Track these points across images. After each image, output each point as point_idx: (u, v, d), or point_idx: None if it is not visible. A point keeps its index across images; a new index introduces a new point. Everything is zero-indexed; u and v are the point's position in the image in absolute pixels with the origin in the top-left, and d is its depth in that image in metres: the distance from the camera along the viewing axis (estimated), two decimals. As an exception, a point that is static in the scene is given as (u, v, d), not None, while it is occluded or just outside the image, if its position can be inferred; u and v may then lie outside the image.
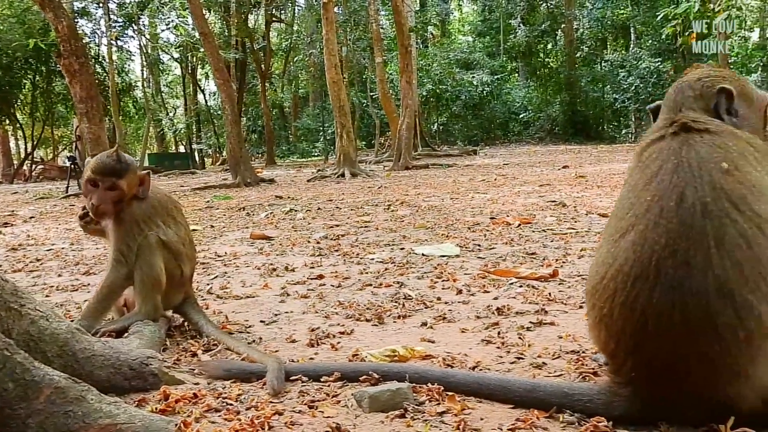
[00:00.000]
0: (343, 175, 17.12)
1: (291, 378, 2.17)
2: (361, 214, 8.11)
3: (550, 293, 3.25)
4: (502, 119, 37.09)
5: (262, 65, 33.38)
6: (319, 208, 9.30)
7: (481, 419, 1.82)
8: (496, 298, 3.27)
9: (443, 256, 4.57)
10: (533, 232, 5.63)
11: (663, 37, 26.57)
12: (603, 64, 36.96)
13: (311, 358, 2.48)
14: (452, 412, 1.86)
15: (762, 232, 1.56)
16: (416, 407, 1.89)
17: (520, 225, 6.08)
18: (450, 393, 1.96)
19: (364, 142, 37.54)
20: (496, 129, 37.28)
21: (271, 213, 9.04)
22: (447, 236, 5.63)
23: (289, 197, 12.06)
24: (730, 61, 31.45)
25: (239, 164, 16.45)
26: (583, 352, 2.31)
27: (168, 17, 32.52)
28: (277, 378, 2.07)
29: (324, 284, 3.87)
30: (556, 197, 8.59)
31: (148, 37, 36.07)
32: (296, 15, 37.53)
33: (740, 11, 28.95)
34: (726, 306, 1.52)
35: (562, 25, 36.78)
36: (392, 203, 9.36)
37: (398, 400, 1.91)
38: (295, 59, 38.85)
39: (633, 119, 36.50)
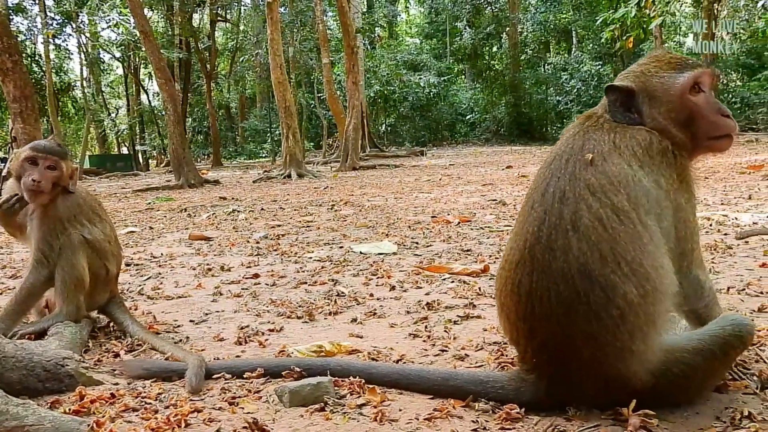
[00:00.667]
0: (289, 176, 17.02)
1: (214, 376, 2.15)
2: (304, 214, 8.08)
3: (480, 288, 3.31)
4: (449, 120, 37.49)
5: (207, 65, 32.87)
6: (262, 209, 9.22)
7: (400, 410, 1.84)
8: (427, 294, 3.31)
9: (381, 253, 4.59)
10: (471, 230, 5.71)
11: (602, 41, 27.28)
12: (546, 66, 37.76)
13: (237, 356, 2.46)
14: (372, 404, 1.88)
15: (618, 217, 1.64)
16: (337, 400, 1.90)
17: (459, 223, 6.16)
18: (372, 385, 1.98)
19: (312, 143, 37.35)
20: (443, 130, 37.65)
21: (213, 214, 8.91)
22: (387, 234, 5.67)
23: (233, 198, 11.92)
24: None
25: (182, 165, 16.15)
26: (505, 343, 2.36)
27: (108, 15, 31.62)
28: (196, 375, 2.05)
29: (259, 283, 3.85)
30: (497, 196, 8.74)
31: (87, 35, 35.00)
32: (242, 14, 37.06)
33: (674, 17, 30.01)
34: (593, 286, 1.60)
35: (507, 29, 37.41)
36: (336, 203, 9.35)
37: (319, 394, 1.92)
38: (242, 59, 38.35)
39: (575, 121, 37.36)
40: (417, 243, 5.04)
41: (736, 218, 5.26)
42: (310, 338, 2.63)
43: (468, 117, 37.49)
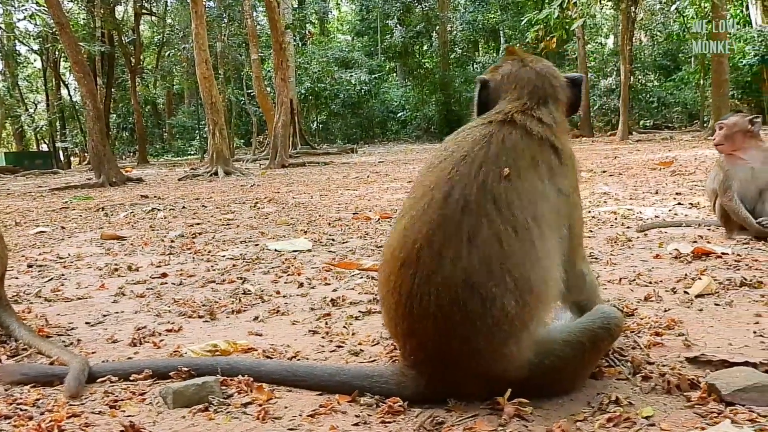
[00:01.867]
0: (216, 173, 16.67)
1: (99, 379, 2.08)
2: (225, 212, 7.93)
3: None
4: (381, 118, 37.64)
5: (132, 59, 31.81)
6: (183, 207, 9.00)
7: (286, 407, 1.83)
8: (335, 290, 3.30)
9: (295, 250, 4.56)
10: (390, 226, 5.73)
11: (528, 41, 27.98)
12: (475, 65, 38.39)
13: (129, 358, 2.39)
14: (257, 403, 1.85)
15: (517, 235, 1.66)
16: (222, 400, 1.87)
17: (380, 220, 6.19)
18: (261, 384, 1.96)
19: (242, 140, 36.74)
20: (375, 127, 37.77)
21: (131, 213, 8.63)
22: (306, 232, 5.63)
23: (155, 197, 11.57)
24: (589, 65, 33.75)
25: (103, 163, 15.58)
26: (400, 337, 2.37)
27: (24, 5, 30.12)
28: (75, 379, 1.98)
29: (166, 283, 3.75)
30: (420, 193, 8.80)
31: (2, 26, 33.28)
32: (168, 7, 36.06)
33: (594, 18, 31.08)
34: (473, 295, 1.62)
35: (437, 27, 37.83)
36: (260, 201, 9.23)
37: (204, 394, 1.88)
38: (169, 54, 37.30)
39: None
40: (333, 240, 5.03)
41: (640, 212, 5.49)
42: (209, 337, 2.58)
43: (399, 115, 37.75)
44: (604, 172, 10.40)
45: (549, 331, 1.76)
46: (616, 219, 5.18)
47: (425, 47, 39.90)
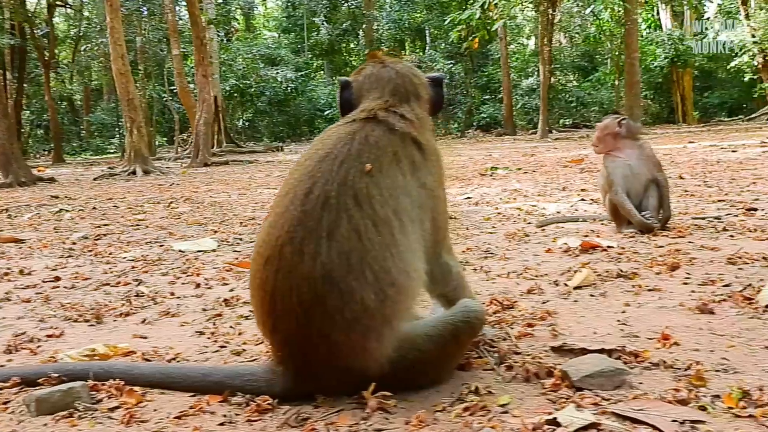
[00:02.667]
0: (134, 172, 16.16)
1: (-39, 389, 1.99)
2: (137, 213, 7.72)
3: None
4: (308, 116, 37.36)
5: (46, 53, 30.37)
6: (94, 208, 8.68)
7: (155, 410, 1.81)
8: (232, 290, 3.27)
9: (199, 251, 4.49)
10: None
11: (451, 40, 28.45)
12: (402, 64, 38.68)
13: (2, 366, 2.30)
14: (126, 407, 1.82)
15: (377, 229, 1.69)
16: (89, 406, 1.83)
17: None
18: (133, 387, 1.93)
19: (165, 138, 35.75)
20: (302, 126, 37.49)
21: (36, 214, 8.26)
22: (216, 231, 5.55)
23: (66, 197, 11.11)
24: (511, 65, 34.62)
25: (11, 162, 14.82)
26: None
27: (-76, -5, 28.25)
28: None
29: (57, 286, 3.61)
30: (339, 191, 8.82)
31: None
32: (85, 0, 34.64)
33: (515, 19, 31.86)
34: (332, 290, 1.65)
35: (363, 25, 37.92)
36: (175, 200, 9.02)
37: (69, 400, 1.84)
38: (85, 48, 35.83)
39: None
40: (241, 239, 4.99)
41: (543, 208, 5.69)
42: (91, 342, 2.51)
43: (327, 113, 37.54)
44: (519, 169, 10.71)
45: (412, 326, 1.81)
46: (519, 215, 5.35)
47: (352, 45, 39.92)
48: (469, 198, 7.13)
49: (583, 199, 6.23)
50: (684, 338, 2.08)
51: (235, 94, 33.52)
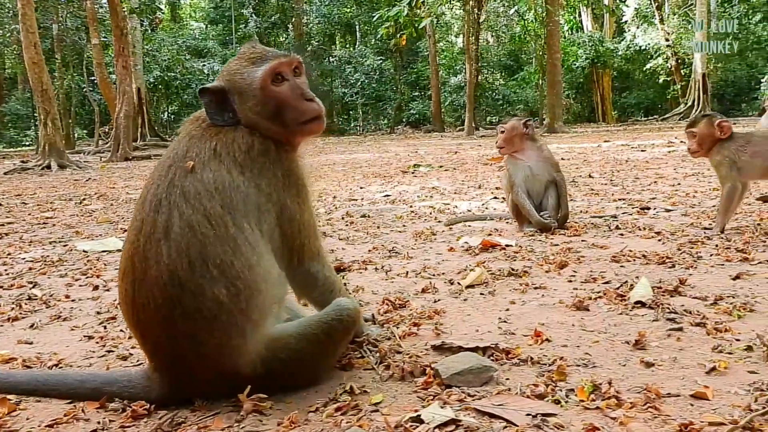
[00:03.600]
0: (48, 166, 15.52)
1: None
2: (45, 210, 7.43)
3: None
4: (236, 110, 36.78)
5: (-48, 39, 28.68)
6: (0, 205, 8.30)
7: (27, 419, 1.78)
8: (130, 292, 3.21)
9: (104, 251, 4.38)
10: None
11: (380, 36, 28.57)
12: (331, 59, 38.62)
13: None
14: (-5, 416, 1.79)
15: (209, 222, 1.71)
16: (-47, 416, 1.78)
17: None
18: (6, 396, 1.88)
19: (85, 131, 34.41)
20: (230, 119, 36.85)
21: (-65, 212, 7.82)
22: (126, 230, 5.40)
23: (-29, 193, 10.57)
24: (439, 62, 35.08)
25: None
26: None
27: None
28: None
29: (-55, 291, 3.46)
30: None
31: None
32: (-4, -16, 32.82)
33: (443, 17, 32.29)
34: (183, 291, 1.67)
35: (293, 19, 37.58)
36: (89, 197, 8.73)
37: (-64, 410, 1.78)
38: (-3, 35, 34.01)
39: (360, 113, 38.83)
40: (150, 238, 4.88)
41: (455, 206, 5.83)
42: (-28, 348, 2.43)
43: (255, 106, 37.10)
44: (441, 167, 10.90)
45: (284, 327, 1.85)
46: (431, 213, 5.47)
47: (282, 38, 39.50)
48: (387, 195, 7.23)
49: (495, 197, 6.41)
50: (556, 335, 2.20)
51: (160, 86, 32.64)
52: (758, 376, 1.76)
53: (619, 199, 5.72)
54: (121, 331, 2.56)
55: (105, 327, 2.62)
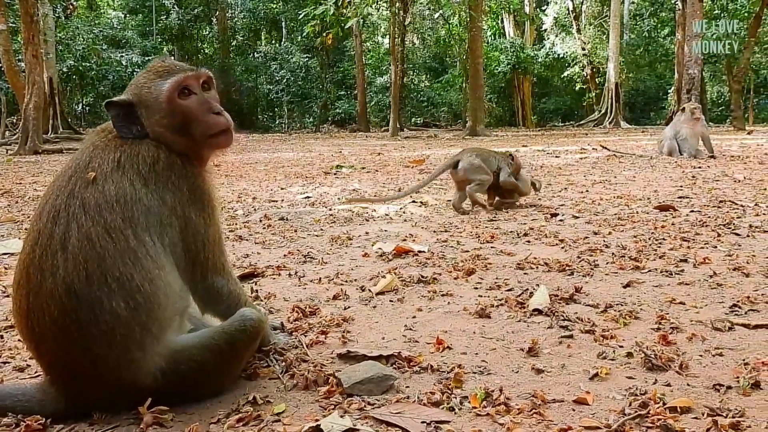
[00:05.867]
0: (-52, 159, 14.60)
1: None
2: (-58, 207, 7.00)
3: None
4: (156, 103, 35.69)
5: None
6: None
7: None
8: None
9: (5, 253, 4.20)
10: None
11: (306, 34, 28.43)
12: (257, 55, 38.07)
13: None
14: None
15: (109, 235, 1.71)
16: None
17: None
18: None
19: (-9, 121, 32.45)
20: (150, 112, 35.73)
21: None
22: (31, 231, 5.19)
23: None
24: (366, 62, 35.20)
25: None
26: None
27: None
28: None
29: None
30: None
31: None
32: None
33: (370, 17, 32.43)
34: (80, 304, 1.67)
35: (216, 13, 36.80)
36: (-8, 194, 8.28)
37: None
38: None
39: (286, 110, 38.48)
40: (57, 240, 4.71)
41: (374, 210, 5.91)
42: None
43: (177, 100, 36.13)
44: (363, 168, 10.98)
45: (186, 338, 1.86)
46: (350, 217, 5.52)
47: (205, 32, 38.60)
48: (308, 197, 7.23)
49: (414, 201, 6.53)
50: (457, 342, 2.30)
51: (74, 77, 31.23)
52: (634, 381, 1.91)
53: (530, 206, 5.96)
54: (19, 341, 2.48)
55: (2, 337, 2.53)
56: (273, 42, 40.59)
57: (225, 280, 1.96)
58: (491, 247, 4.03)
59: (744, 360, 2.03)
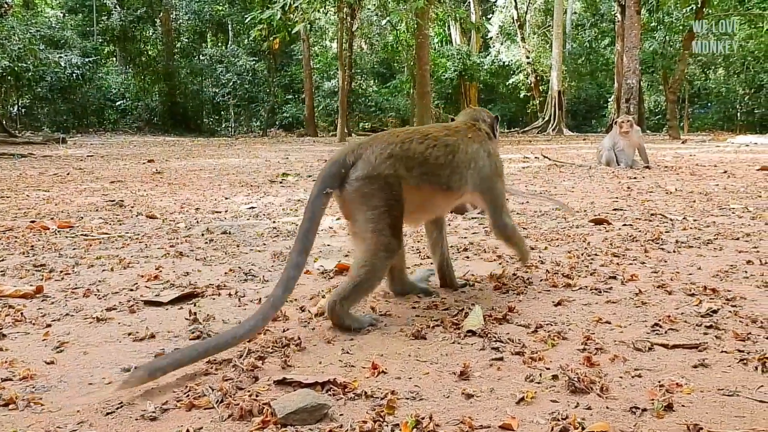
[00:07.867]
0: None
1: None
2: None
3: (22, 314, 3.13)
4: (97, 106, 34.72)
5: None
6: None
7: None
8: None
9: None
10: (66, 237, 5.39)
11: (253, 37, 28.18)
12: (202, 57, 37.50)
13: None
14: None
15: None
16: None
17: (57, 230, 5.76)
18: None
19: None
20: (90, 116, 34.73)
21: None
22: (-40, 247, 5.01)
23: None
24: (314, 66, 35.11)
25: None
26: None
27: None
28: None
29: None
30: (118, 196, 8.40)
31: None
32: None
33: (318, 22, 32.40)
34: None
35: (160, 14, 36.10)
36: None
37: None
38: None
39: (232, 114, 38.00)
40: (-12, 257, 4.57)
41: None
42: None
43: (119, 103, 35.26)
44: (309, 176, 10.97)
45: None
46: (293, 231, 5.52)
47: (149, 33, 37.81)
48: (252, 208, 7.19)
49: (358, 213, 6.57)
50: (392, 366, 2.35)
51: (9, 77, 30.09)
52: (558, 405, 2.00)
53: (472, 218, 6.08)
54: None
55: None
56: (219, 44, 40.08)
57: None
58: (431, 264, 4.11)
59: (659, 381, 2.15)
